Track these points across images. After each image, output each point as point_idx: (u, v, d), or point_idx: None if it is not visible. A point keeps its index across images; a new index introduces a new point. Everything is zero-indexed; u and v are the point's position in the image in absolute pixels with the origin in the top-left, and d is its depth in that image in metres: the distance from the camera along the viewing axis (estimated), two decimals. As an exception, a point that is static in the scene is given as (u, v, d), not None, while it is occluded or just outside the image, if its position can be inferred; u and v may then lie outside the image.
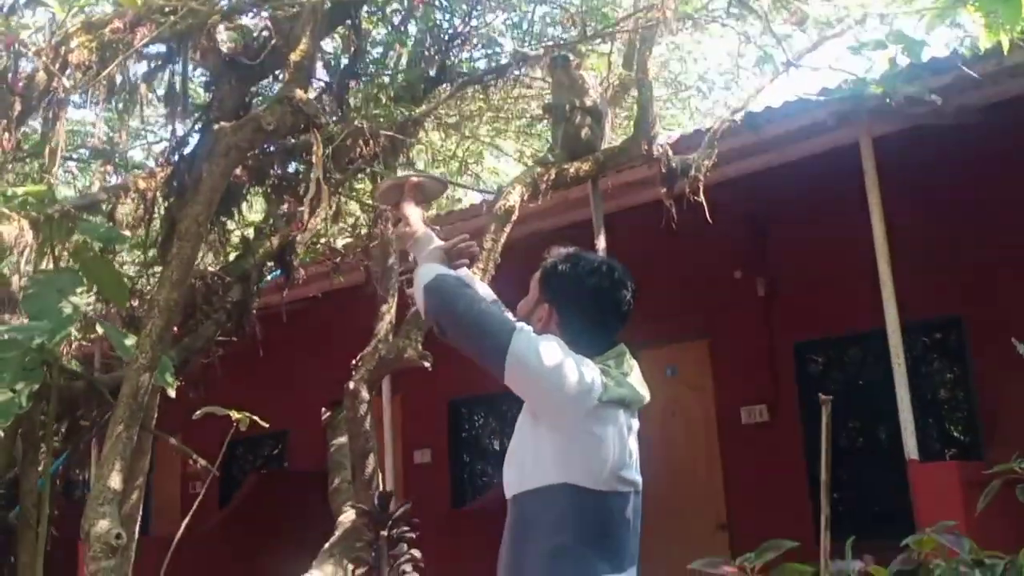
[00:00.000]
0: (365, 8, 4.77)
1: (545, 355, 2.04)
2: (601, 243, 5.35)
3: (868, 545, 3.26)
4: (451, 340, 2.20)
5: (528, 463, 2.11)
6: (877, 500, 8.09)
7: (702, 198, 5.68)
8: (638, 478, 2.18)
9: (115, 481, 4.12)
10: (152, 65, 4.57)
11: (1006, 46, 3.44)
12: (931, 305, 7.05)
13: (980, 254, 6.94)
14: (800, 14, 4.69)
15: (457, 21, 6.05)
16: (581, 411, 2.05)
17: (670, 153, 5.64)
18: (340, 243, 7.16)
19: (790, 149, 6.61)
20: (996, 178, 6.79)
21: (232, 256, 6.17)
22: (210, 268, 6.07)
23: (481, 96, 6.22)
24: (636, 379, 2.24)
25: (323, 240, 6.89)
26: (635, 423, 2.23)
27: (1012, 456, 3.25)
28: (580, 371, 2.06)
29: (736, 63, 7.67)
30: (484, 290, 2.56)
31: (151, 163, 6.12)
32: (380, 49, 6.06)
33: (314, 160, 4.10)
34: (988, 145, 6.52)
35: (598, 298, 2.23)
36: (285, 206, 5.51)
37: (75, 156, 6.12)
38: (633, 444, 2.20)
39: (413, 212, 2.62)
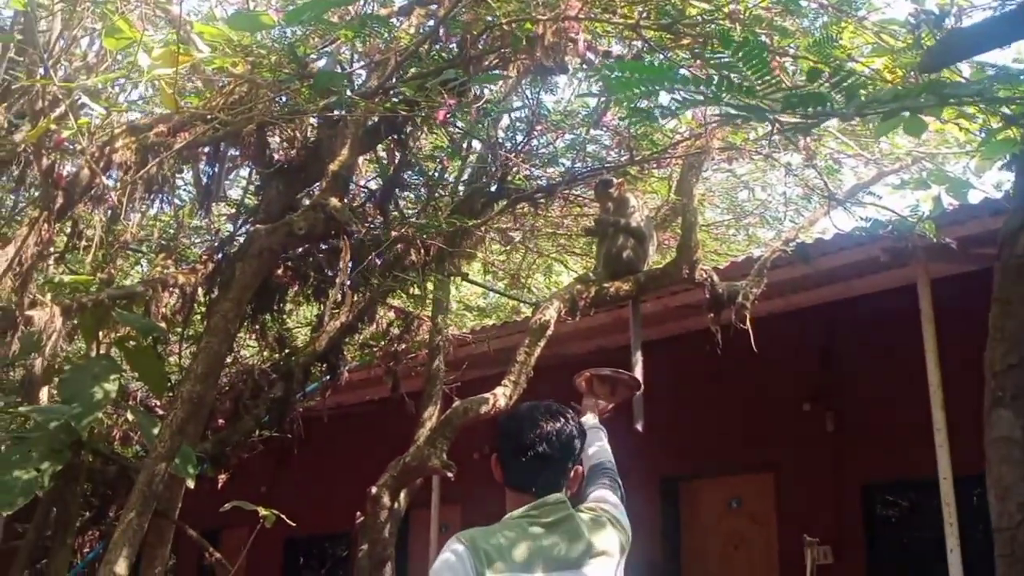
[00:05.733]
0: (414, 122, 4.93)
1: None
2: (638, 361, 5.25)
3: None
4: None
5: None
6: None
7: (748, 326, 5.56)
8: None
9: (121, 568, 4.20)
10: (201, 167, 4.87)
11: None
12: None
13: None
14: (812, 150, 4.64)
15: (519, 138, 6.20)
16: None
17: (715, 279, 5.58)
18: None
19: (855, 284, 6.46)
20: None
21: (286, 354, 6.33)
22: (263, 366, 6.24)
23: (536, 213, 6.31)
24: (566, 531, 2.24)
25: (377, 346, 6.97)
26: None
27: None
28: None
29: (784, 194, 7.58)
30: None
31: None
32: (439, 161, 6.24)
33: (341, 266, 4.23)
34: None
35: (513, 441, 2.36)
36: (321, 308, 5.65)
37: (143, 249, 6.46)
38: None
39: (586, 404, 2.97)
